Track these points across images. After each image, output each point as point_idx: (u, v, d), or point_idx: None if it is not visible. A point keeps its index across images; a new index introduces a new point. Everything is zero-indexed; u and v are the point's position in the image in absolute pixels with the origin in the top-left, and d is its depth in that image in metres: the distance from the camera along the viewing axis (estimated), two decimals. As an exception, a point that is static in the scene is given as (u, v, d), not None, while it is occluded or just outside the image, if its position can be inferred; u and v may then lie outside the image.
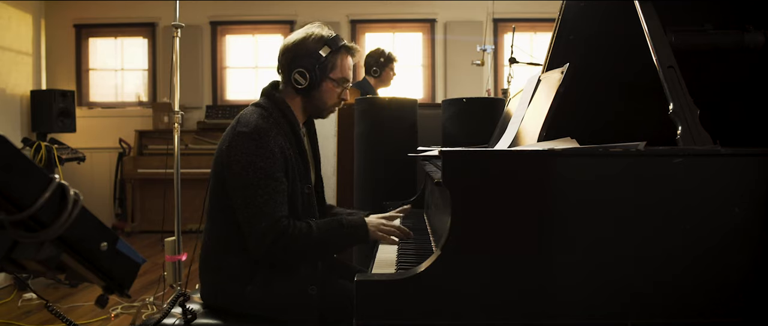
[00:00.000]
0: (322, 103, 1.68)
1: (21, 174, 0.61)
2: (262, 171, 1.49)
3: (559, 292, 1.06)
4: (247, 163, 1.50)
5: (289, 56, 1.64)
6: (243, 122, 1.57)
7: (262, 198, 1.48)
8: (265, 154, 1.50)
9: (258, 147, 1.50)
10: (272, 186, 1.49)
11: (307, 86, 1.62)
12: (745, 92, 1.49)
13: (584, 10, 1.64)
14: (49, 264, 0.67)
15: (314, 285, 1.56)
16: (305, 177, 1.64)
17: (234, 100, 6.31)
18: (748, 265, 1.05)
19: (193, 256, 2.37)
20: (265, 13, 6.21)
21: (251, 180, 1.48)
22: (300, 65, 1.61)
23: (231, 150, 1.53)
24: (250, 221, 1.48)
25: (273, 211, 1.48)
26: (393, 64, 3.99)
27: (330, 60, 1.63)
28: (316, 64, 1.61)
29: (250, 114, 1.59)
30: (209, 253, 1.63)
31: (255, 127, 1.53)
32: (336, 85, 1.67)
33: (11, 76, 4.83)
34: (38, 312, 3.17)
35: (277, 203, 1.49)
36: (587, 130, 1.39)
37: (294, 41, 1.64)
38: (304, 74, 1.61)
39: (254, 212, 1.47)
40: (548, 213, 1.06)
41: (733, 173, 1.06)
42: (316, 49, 1.62)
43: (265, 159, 1.50)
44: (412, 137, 2.75)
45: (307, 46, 1.62)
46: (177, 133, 2.91)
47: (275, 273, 1.56)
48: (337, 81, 1.66)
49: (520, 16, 5.90)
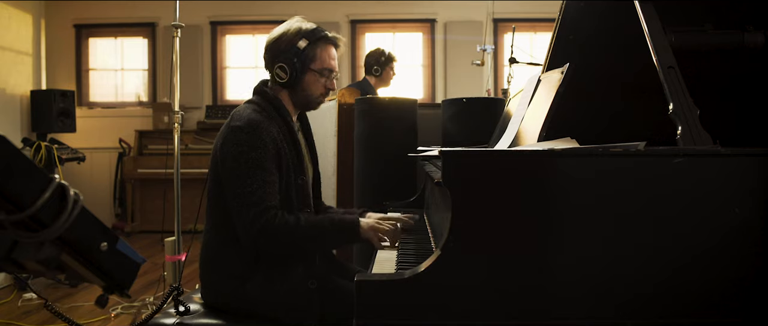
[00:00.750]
0: (308, 94, 1.70)
1: (21, 174, 0.61)
2: (253, 161, 1.51)
3: (559, 292, 1.06)
4: (238, 154, 1.52)
5: (270, 52, 1.68)
6: (236, 118, 1.60)
7: (250, 188, 1.49)
8: (256, 144, 1.53)
9: (249, 138, 1.53)
10: (262, 176, 1.51)
11: (289, 80, 1.65)
12: (745, 92, 1.49)
13: (584, 10, 1.64)
14: (49, 264, 0.67)
15: (314, 280, 1.58)
16: (299, 168, 1.65)
17: (234, 100, 6.31)
18: (748, 265, 1.05)
19: (188, 254, 2.37)
20: (265, 13, 6.20)
21: (242, 171, 1.51)
22: (280, 60, 1.65)
23: (226, 145, 1.56)
24: (239, 210, 1.50)
25: (261, 201, 1.49)
26: (393, 63, 4.00)
27: (309, 51, 1.66)
28: (295, 57, 1.64)
29: (243, 110, 1.63)
30: (209, 252, 1.64)
31: (247, 121, 1.56)
32: (319, 76, 1.68)
33: (11, 76, 4.83)
34: (38, 312, 3.17)
35: (266, 193, 1.51)
36: (587, 130, 1.39)
37: (274, 37, 1.68)
38: (284, 68, 1.65)
39: (243, 201, 1.49)
40: (548, 213, 1.07)
41: (733, 173, 1.06)
42: (294, 42, 1.65)
43: (256, 150, 1.52)
44: (412, 137, 2.75)
45: (286, 40, 1.66)
46: (177, 133, 2.91)
47: (275, 269, 1.57)
48: (319, 71, 1.68)
49: (520, 16, 5.91)
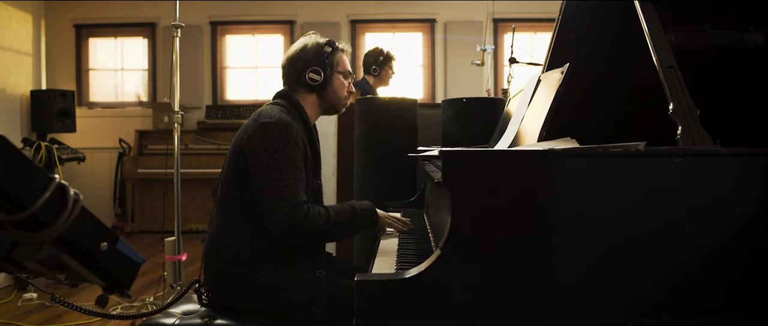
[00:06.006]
0: (337, 96, 1.82)
1: (21, 174, 0.61)
2: (288, 157, 1.58)
3: (559, 292, 1.06)
4: (273, 150, 1.58)
5: (298, 63, 1.77)
6: (265, 115, 1.66)
7: (286, 182, 1.56)
8: (290, 142, 1.60)
9: (283, 135, 1.60)
10: (296, 173, 1.59)
11: (322, 82, 1.75)
12: (745, 92, 1.49)
13: (584, 10, 1.64)
14: (49, 264, 0.67)
15: (322, 269, 1.62)
16: (316, 173, 1.75)
17: (234, 100, 6.31)
18: (748, 265, 1.05)
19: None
20: (265, 13, 6.21)
21: (278, 165, 1.57)
22: (313, 64, 1.75)
23: (255, 139, 1.61)
24: (276, 203, 1.54)
25: (296, 195, 1.56)
26: (392, 62, 4.00)
27: (334, 56, 1.78)
28: (325, 61, 1.75)
29: (271, 109, 1.70)
30: (220, 243, 1.66)
31: (279, 119, 1.63)
32: (344, 78, 1.82)
33: (11, 76, 4.83)
34: (38, 312, 3.17)
35: (299, 188, 1.58)
36: (587, 130, 1.39)
37: (297, 50, 1.79)
38: (318, 71, 1.75)
39: (280, 194, 1.55)
40: (548, 212, 1.07)
41: (734, 173, 1.06)
42: (319, 50, 1.77)
43: (290, 147, 1.60)
44: (412, 137, 2.75)
45: (312, 50, 1.77)
46: (177, 133, 2.91)
47: (284, 259, 1.61)
48: (344, 74, 1.82)
49: (520, 16, 5.91)
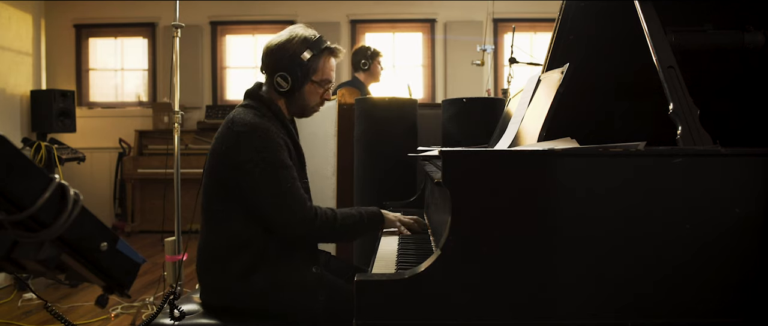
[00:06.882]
0: (305, 104, 1.71)
1: (21, 174, 0.61)
2: (278, 162, 1.54)
3: (559, 292, 1.06)
4: (260, 160, 1.53)
5: (272, 59, 1.67)
6: (239, 122, 1.58)
7: (285, 188, 1.53)
8: (273, 147, 1.55)
9: (264, 141, 1.54)
10: (291, 174, 1.55)
11: (290, 89, 1.65)
12: (745, 92, 1.49)
13: (584, 10, 1.64)
14: (49, 264, 0.67)
15: (317, 266, 1.61)
16: (302, 171, 1.68)
17: (234, 100, 6.31)
18: (748, 265, 1.05)
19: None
20: (265, 13, 6.21)
21: (271, 173, 1.53)
22: (282, 68, 1.64)
23: (236, 151, 1.55)
24: (281, 210, 1.53)
25: (299, 198, 1.55)
26: (379, 58, 4.00)
27: (312, 63, 1.66)
28: (299, 67, 1.64)
29: (244, 114, 1.61)
30: (210, 250, 1.64)
31: (254, 125, 1.56)
32: (318, 87, 1.70)
33: (11, 76, 4.83)
34: (38, 312, 3.17)
35: (299, 188, 1.56)
36: (587, 130, 1.39)
37: (277, 43, 1.67)
38: (286, 77, 1.64)
39: (283, 202, 1.53)
40: (548, 212, 1.07)
41: (734, 173, 1.06)
42: (298, 52, 1.64)
43: (275, 151, 1.54)
44: (412, 137, 2.75)
45: (290, 48, 1.65)
46: (177, 133, 2.91)
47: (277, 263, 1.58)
48: (319, 82, 1.69)
49: (520, 16, 5.91)
